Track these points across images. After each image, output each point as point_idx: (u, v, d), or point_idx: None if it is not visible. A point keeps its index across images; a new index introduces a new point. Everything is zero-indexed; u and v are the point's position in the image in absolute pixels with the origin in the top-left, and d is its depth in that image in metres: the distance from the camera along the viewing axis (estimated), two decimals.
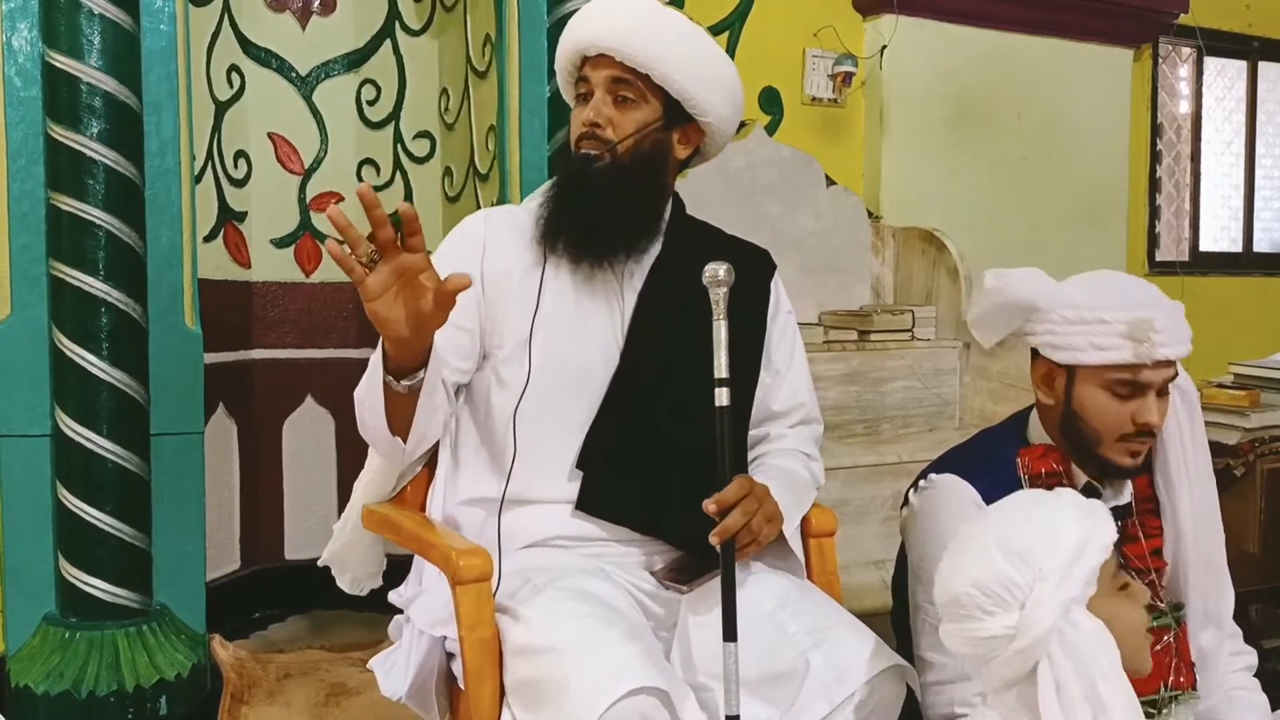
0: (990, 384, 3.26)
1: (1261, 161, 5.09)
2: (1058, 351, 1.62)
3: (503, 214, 1.78)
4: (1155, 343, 1.55)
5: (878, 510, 2.86)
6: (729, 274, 1.45)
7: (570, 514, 1.64)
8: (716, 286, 1.45)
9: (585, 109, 1.68)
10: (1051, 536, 1.27)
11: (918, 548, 1.75)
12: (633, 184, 1.67)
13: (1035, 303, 1.64)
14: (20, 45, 2.41)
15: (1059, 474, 1.66)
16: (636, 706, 1.32)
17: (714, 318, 1.46)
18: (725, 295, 1.46)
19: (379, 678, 1.67)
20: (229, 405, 3.13)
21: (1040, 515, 1.30)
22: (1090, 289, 1.63)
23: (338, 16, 3.30)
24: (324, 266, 3.33)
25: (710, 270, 1.45)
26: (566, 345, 1.65)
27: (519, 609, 1.49)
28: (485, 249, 1.69)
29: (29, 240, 2.43)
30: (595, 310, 1.68)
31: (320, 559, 1.86)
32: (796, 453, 1.78)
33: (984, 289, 1.69)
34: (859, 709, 1.45)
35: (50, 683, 2.38)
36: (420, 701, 1.66)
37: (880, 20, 3.81)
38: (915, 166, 3.91)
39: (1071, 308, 1.61)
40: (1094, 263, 4.20)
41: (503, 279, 1.67)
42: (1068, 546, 1.26)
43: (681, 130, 1.71)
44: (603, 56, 1.65)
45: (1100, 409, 1.61)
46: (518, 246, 1.70)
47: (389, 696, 1.65)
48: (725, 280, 1.45)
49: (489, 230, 1.71)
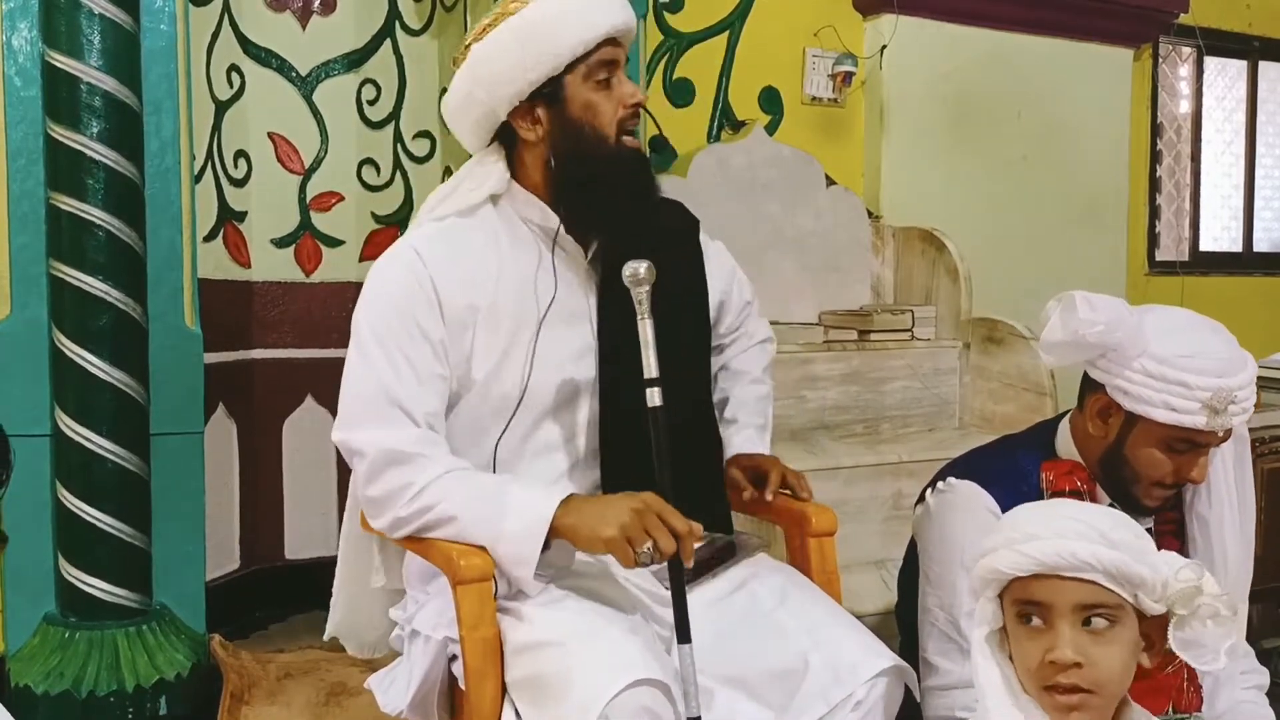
0: (990, 384, 3.26)
1: (1261, 161, 5.09)
2: (1127, 398, 1.56)
3: (430, 245, 1.60)
4: (1231, 413, 1.52)
5: (878, 510, 2.86)
6: (650, 272, 1.44)
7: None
8: (638, 286, 1.44)
9: (624, 87, 1.58)
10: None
11: (930, 551, 1.75)
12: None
13: (1125, 348, 1.55)
14: (20, 45, 2.41)
15: (1082, 494, 1.64)
16: (639, 698, 1.32)
17: (639, 317, 1.43)
18: (648, 294, 1.44)
19: (377, 696, 1.65)
20: (229, 405, 3.13)
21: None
22: (1179, 343, 1.54)
23: (338, 16, 3.29)
24: (324, 266, 3.34)
25: (630, 269, 1.43)
26: (551, 356, 1.60)
27: (520, 607, 1.49)
28: (436, 290, 1.56)
29: (29, 240, 2.43)
30: (574, 312, 1.63)
31: (325, 633, 1.84)
32: (750, 379, 1.85)
33: (1071, 316, 1.56)
34: (857, 709, 1.45)
35: (50, 682, 2.38)
36: (422, 713, 1.64)
37: (880, 20, 3.81)
38: (915, 166, 3.91)
39: (1157, 361, 1.53)
40: (1094, 263, 4.20)
41: (463, 314, 1.57)
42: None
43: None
44: (618, 37, 1.58)
45: (1150, 460, 1.58)
46: (467, 271, 1.58)
47: (389, 713, 1.63)
48: (646, 279, 1.44)
49: (431, 269, 1.57)
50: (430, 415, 1.56)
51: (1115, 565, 1.17)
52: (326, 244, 3.34)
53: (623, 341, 1.57)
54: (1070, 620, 1.20)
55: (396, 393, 1.54)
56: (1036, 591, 1.21)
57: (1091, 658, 1.19)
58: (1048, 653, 1.20)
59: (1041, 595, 1.21)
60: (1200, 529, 1.68)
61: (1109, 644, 1.20)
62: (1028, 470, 1.69)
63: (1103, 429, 1.62)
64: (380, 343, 1.56)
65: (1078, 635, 1.19)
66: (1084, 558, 1.18)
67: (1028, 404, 3.10)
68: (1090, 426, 1.65)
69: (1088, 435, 1.66)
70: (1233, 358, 1.55)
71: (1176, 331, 1.56)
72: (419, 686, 1.60)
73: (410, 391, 1.55)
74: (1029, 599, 1.22)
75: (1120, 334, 1.54)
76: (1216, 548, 1.66)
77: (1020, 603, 1.23)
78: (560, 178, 1.59)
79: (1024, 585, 1.22)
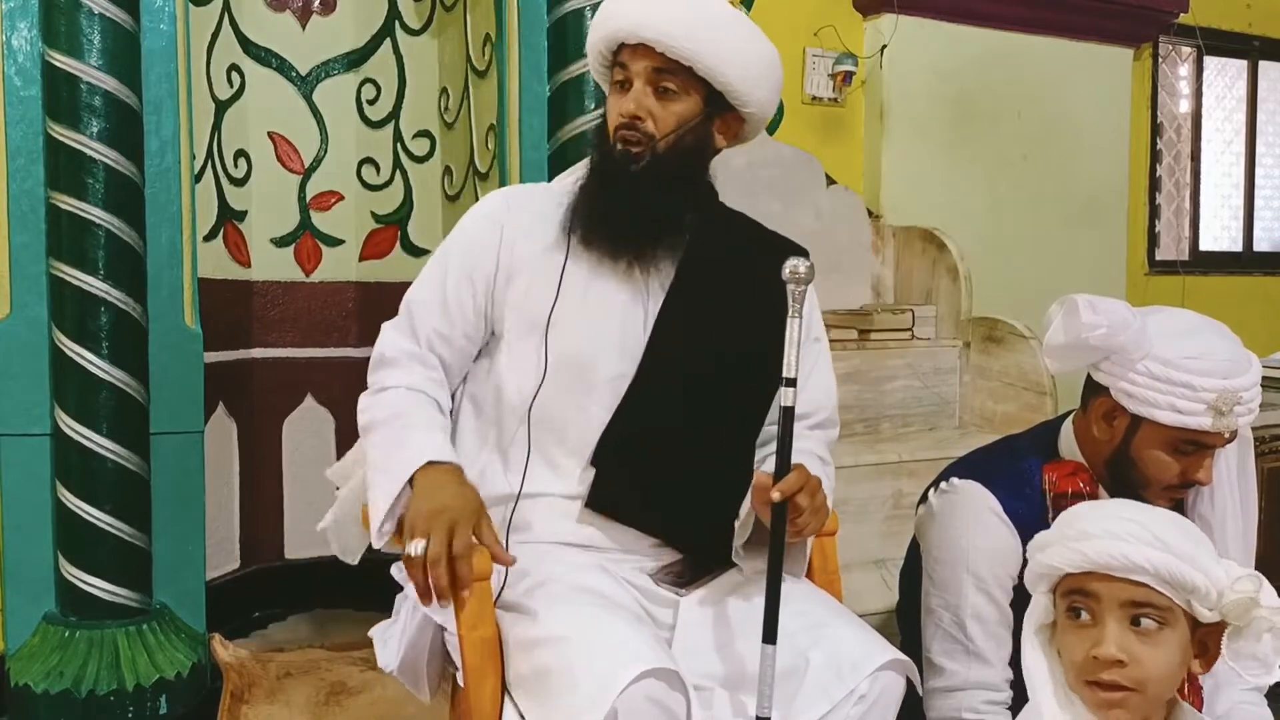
0: (990, 383, 3.26)
1: (1262, 161, 5.09)
2: (1131, 400, 1.55)
3: (524, 194, 1.75)
4: (1236, 414, 1.51)
5: (878, 509, 2.86)
6: (810, 271, 1.43)
7: (579, 511, 1.62)
8: (796, 284, 1.43)
9: (624, 99, 1.62)
10: None
11: (933, 551, 1.75)
12: (675, 183, 1.62)
13: (1129, 351, 1.55)
14: (20, 45, 2.41)
15: (1085, 495, 1.63)
16: (646, 691, 1.31)
17: (789, 315, 1.42)
18: (804, 293, 1.43)
19: (376, 647, 1.68)
20: (229, 404, 3.13)
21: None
22: (1183, 345, 1.54)
23: (338, 16, 3.30)
24: (324, 266, 3.34)
25: (790, 266, 1.43)
26: (588, 338, 1.62)
27: (520, 603, 1.49)
28: (503, 233, 1.66)
29: (29, 239, 2.43)
30: (619, 303, 1.64)
31: (319, 524, 1.86)
32: (812, 455, 1.70)
33: (1073, 319, 1.56)
34: (860, 705, 1.44)
35: (50, 682, 2.38)
36: (411, 677, 1.66)
37: (880, 20, 3.81)
38: (915, 166, 3.91)
39: (1161, 363, 1.53)
40: (1094, 262, 4.19)
41: (520, 263, 1.65)
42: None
43: (722, 120, 1.67)
44: (643, 45, 1.59)
45: (1157, 462, 1.58)
46: (539, 230, 1.66)
47: (383, 668, 1.65)
48: (805, 278, 1.43)
49: (509, 212, 1.68)
50: (433, 337, 1.66)
51: (1167, 569, 1.17)
52: (326, 243, 3.34)
53: (677, 332, 1.62)
54: (1118, 618, 1.20)
55: (419, 308, 1.68)
56: (1087, 587, 1.21)
57: (1137, 657, 1.19)
58: (1093, 648, 1.20)
59: (1092, 591, 1.21)
60: (1203, 530, 1.67)
61: (1156, 645, 1.20)
62: (1030, 471, 1.69)
63: (1108, 432, 1.62)
64: (439, 262, 1.70)
65: (1124, 633, 1.20)
66: (1136, 560, 1.18)
67: (1028, 403, 3.10)
68: (1095, 429, 1.64)
69: (1092, 438, 1.65)
70: (1237, 359, 1.54)
71: (1181, 333, 1.56)
72: (407, 652, 1.62)
73: (429, 311, 1.66)
74: (1080, 592, 1.22)
75: (1123, 337, 1.54)
76: (1219, 549, 1.66)
77: (1071, 594, 1.24)
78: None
79: (1076, 580, 1.23)
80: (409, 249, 3.36)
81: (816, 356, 1.79)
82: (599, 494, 1.61)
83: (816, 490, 1.50)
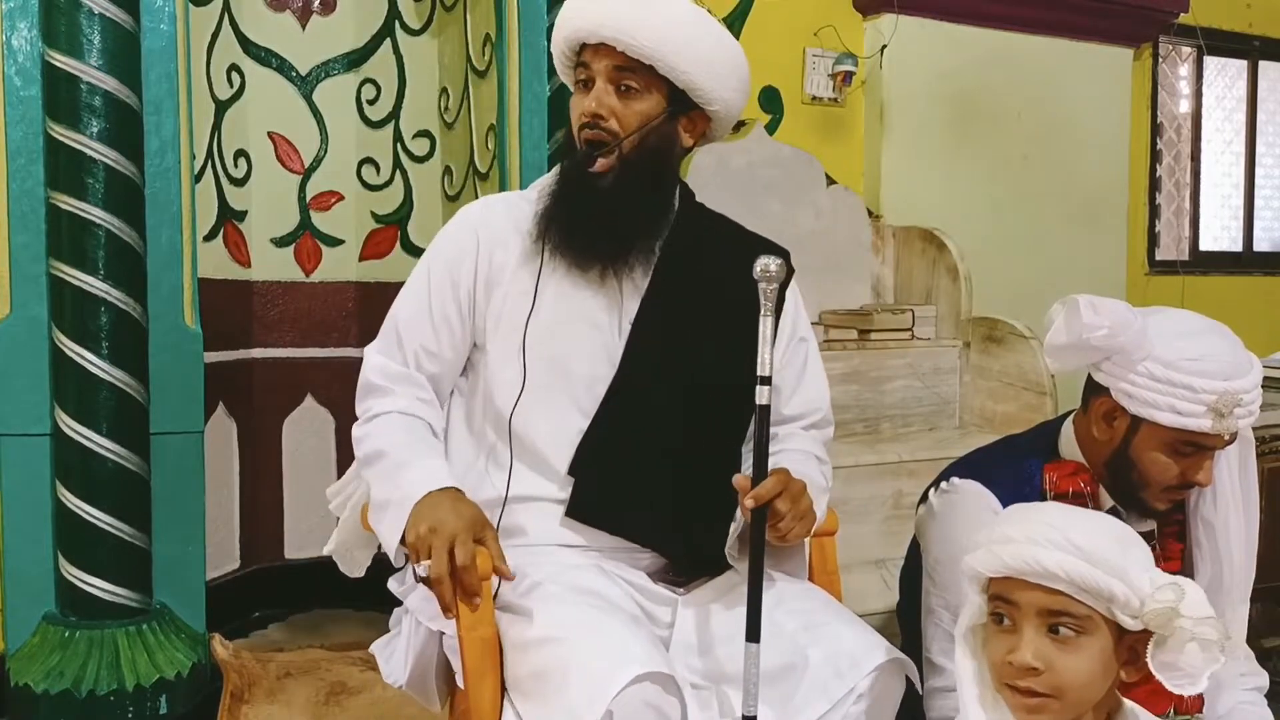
0: (990, 383, 3.26)
1: (1262, 161, 5.09)
2: (1132, 401, 1.55)
3: (502, 203, 1.75)
4: (1236, 416, 1.50)
5: (878, 509, 2.86)
6: (781, 270, 1.43)
7: (561, 520, 1.62)
8: (767, 282, 1.43)
9: (586, 98, 1.63)
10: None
11: (933, 551, 1.75)
12: (641, 185, 1.62)
13: (1130, 352, 1.54)
14: (20, 45, 2.41)
15: (1085, 495, 1.63)
16: (642, 694, 1.31)
17: (762, 313, 1.42)
18: (775, 291, 1.43)
19: (380, 663, 1.67)
20: (229, 404, 3.13)
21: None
22: (1184, 347, 1.53)
23: (338, 16, 3.30)
24: (324, 266, 3.34)
25: (761, 264, 1.42)
26: (565, 346, 1.62)
27: (517, 603, 1.49)
28: (479, 244, 1.66)
29: (29, 239, 2.43)
30: (595, 310, 1.65)
31: (324, 549, 1.87)
32: (809, 455, 1.71)
33: (1074, 319, 1.56)
34: (859, 703, 1.44)
35: (50, 682, 2.38)
36: (420, 689, 1.66)
37: (880, 20, 3.81)
38: (915, 166, 3.91)
39: (1162, 365, 1.52)
40: (1094, 262, 4.20)
41: (498, 273, 1.65)
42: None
43: (687, 118, 1.67)
44: (604, 45, 1.60)
45: (1156, 463, 1.57)
46: (514, 239, 1.66)
47: (390, 683, 1.65)
48: (776, 276, 1.42)
49: (484, 224, 1.69)
50: (421, 353, 1.66)
51: (1083, 578, 1.16)
52: (326, 243, 3.34)
53: (655, 337, 1.62)
54: (1035, 625, 1.20)
55: (404, 325, 1.67)
56: (1007, 592, 1.21)
57: (1053, 664, 1.18)
58: (1009, 653, 1.20)
59: (1011, 597, 1.21)
60: (1205, 532, 1.67)
61: (1074, 653, 1.19)
62: (1031, 471, 1.68)
63: (1108, 432, 1.62)
64: (420, 278, 1.70)
65: (1041, 641, 1.19)
66: (1049, 567, 1.17)
67: (1028, 403, 3.10)
68: (1095, 430, 1.64)
69: (1092, 438, 1.65)
70: (1238, 361, 1.54)
71: (1182, 335, 1.55)
72: (414, 665, 1.62)
73: (415, 327, 1.66)
74: (1001, 598, 1.22)
75: (1124, 337, 1.53)
76: (1223, 550, 1.66)
77: (995, 599, 1.24)
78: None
79: (999, 585, 1.23)
80: (409, 249, 3.36)
81: (806, 356, 1.79)
82: (578, 502, 1.61)
83: (800, 495, 1.49)
